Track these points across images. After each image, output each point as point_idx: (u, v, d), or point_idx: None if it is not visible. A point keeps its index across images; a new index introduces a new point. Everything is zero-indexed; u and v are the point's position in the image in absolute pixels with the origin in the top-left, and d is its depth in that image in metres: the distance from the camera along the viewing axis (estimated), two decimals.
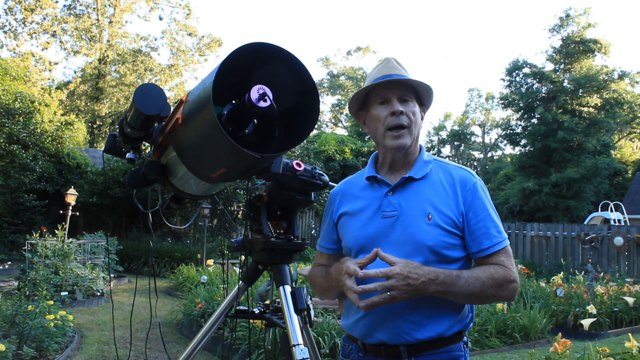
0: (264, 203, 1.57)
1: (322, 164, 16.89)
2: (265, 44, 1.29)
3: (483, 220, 1.41)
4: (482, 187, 1.46)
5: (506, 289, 1.36)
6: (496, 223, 1.42)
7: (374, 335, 1.42)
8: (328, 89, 38.47)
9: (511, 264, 1.39)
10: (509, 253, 1.41)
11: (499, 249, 1.40)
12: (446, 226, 1.39)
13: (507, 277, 1.36)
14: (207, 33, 27.69)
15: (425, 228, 1.39)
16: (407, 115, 1.43)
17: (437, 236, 1.38)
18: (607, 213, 15.55)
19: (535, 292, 7.12)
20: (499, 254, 1.39)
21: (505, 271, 1.37)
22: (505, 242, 1.41)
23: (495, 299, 1.41)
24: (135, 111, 1.44)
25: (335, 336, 4.32)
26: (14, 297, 5.40)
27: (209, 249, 11.17)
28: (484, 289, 1.34)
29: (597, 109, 24.97)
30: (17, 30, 23.55)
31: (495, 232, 1.41)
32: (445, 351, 1.40)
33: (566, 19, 25.30)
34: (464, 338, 1.45)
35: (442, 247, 1.38)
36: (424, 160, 1.48)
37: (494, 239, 1.40)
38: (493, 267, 1.38)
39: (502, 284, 1.36)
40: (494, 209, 1.45)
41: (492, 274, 1.36)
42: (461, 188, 1.43)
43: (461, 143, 43.29)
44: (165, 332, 5.82)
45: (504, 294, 1.37)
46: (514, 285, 1.38)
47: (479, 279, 1.34)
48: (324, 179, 1.58)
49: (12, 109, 12.24)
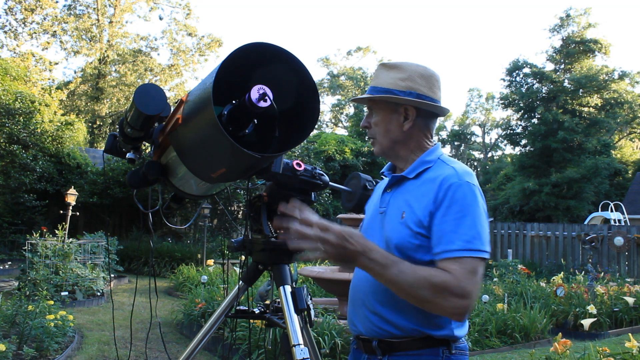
0: (264, 203, 1.56)
1: (322, 164, 16.89)
2: (265, 44, 1.29)
3: (446, 223, 1.29)
4: (462, 189, 1.31)
5: (445, 299, 1.21)
6: (464, 230, 1.27)
7: (355, 324, 1.47)
8: (328, 89, 38.48)
9: (466, 278, 1.22)
10: (469, 268, 1.24)
11: (453, 257, 1.25)
12: (413, 226, 1.34)
13: (448, 285, 1.21)
14: (207, 33, 27.71)
15: (396, 227, 1.38)
16: (373, 128, 1.51)
17: (404, 236, 1.35)
18: (608, 213, 15.56)
19: (535, 292, 7.13)
20: (452, 262, 1.25)
21: (451, 279, 1.22)
22: (465, 253, 1.25)
23: (432, 306, 1.25)
24: (136, 111, 1.44)
25: (335, 336, 4.33)
26: (14, 297, 5.40)
27: (209, 249, 11.17)
28: (416, 288, 1.23)
29: (597, 109, 24.97)
30: (17, 30, 23.56)
31: (456, 239, 1.26)
32: (416, 354, 1.35)
33: (566, 19, 25.30)
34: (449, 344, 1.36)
35: (407, 247, 1.34)
36: (425, 161, 1.46)
37: (448, 244, 1.26)
38: (436, 270, 1.26)
39: (440, 291, 1.21)
40: (475, 217, 1.29)
41: (431, 275, 1.23)
42: (438, 186, 1.33)
43: (461, 143, 43.31)
44: (165, 332, 5.82)
45: (443, 304, 1.22)
46: (457, 301, 1.21)
47: (415, 275, 1.23)
48: (324, 179, 1.58)
49: (13, 109, 12.24)
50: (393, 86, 1.45)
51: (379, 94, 1.46)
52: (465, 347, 1.43)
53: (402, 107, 1.46)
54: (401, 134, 1.47)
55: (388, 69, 1.49)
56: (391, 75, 1.47)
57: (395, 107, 1.46)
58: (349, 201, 1.73)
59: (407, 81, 1.45)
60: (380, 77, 1.49)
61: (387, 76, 1.48)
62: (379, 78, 1.49)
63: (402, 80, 1.45)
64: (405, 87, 1.44)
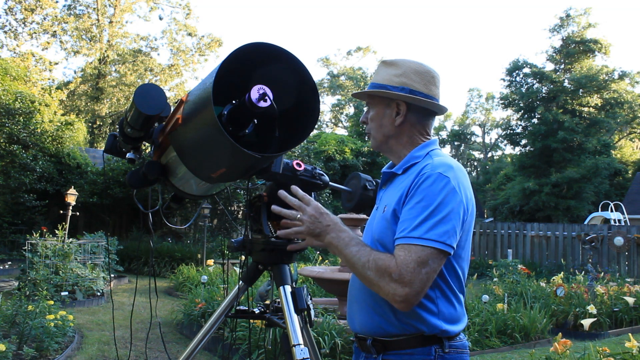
0: (264, 203, 1.57)
1: (322, 164, 16.88)
2: (265, 44, 1.29)
3: (407, 212, 1.30)
4: (432, 179, 1.30)
5: (387, 283, 1.24)
6: (416, 217, 1.27)
7: (352, 321, 1.48)
8: (328, 89, 38.47)
9: (407, 265, 1.22)
10: (413, 255, 1.23)
11: (402, 244, 1.27)
12: (390, 219, 1.37)
13: (389, 269, 1.23)
14: (207, 33, 27.71)
15: (378, 221, 1.43)
16: (369, 122, 1.53)
17: (382, 229, 1.39)
18: (608, 213, 15.55)
19: (535, 292, 7.13)
20: (400, 248, 1.26)
21: (392, 264, 1.24)
22: (412, 240, 1.25)
23: (377, 289, 1.28)
24: (136, 111, 1.44)
25: (335, 336, 4.32)
26: (14, 297, 5.40)
27: (209, 249, 11.17)
28: (365, 268, 1.28)
29: (597, 109, 24.97)
30: (17, 30, 23.54)
31: (406, 226, 1.27)
32: (408, 353, 1.35)
33: (566, 19, 25.30)
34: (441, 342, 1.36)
35: (386, 239, 1.37)
36: (414, 156, 1.46)
37: (401, 232, 1.28)
38: (385, 254, 1.29)
39: (382, 275, 1.24)
40: (433, 205, 1.27)
41: (379, 258, 1.27)
42: (413, 178, 1.35)
43: (461, 143, 43.31)
44: (165, 332, 5.82)
45: (385, 287, 1.24)
46: (396, 287, 1.22)
47: (368, 256, 1.29)
48: (324, 179, 1.58)
49: (12, 109, 12.24)
50: (387, 82, 1.48)
51: (374, 89, 1.50)
52: (463, 345, 1.40)
53: (394, 102, 1.48)
54: (393, 128, 1.49)
55: (387, 66, 1.52)
56: (387, 72, 1.50)
57: (389, 102, 1.49)
58: (349, 201, 1.73)
59: (401, 77, 1.47)
60: (378, 74, 1.52)
61: (385, 72, 1.51)
62: (378, 74, 1.53)
63: (397, 76, 1.48)
64: (398, 83, 1.46)
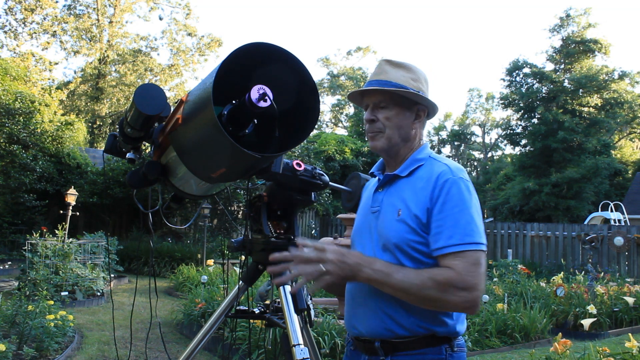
0: (264, 203, 1.57)
1: (322, 164, 16.88)
2: (265, 44, 1.29)
3: (444, 219, 1.32)
4: (457, 185, 1.35)
5: (454, 294, 1.25)
6: (462, 225, 1.31)
7: (355, 326, 1.47)
8: (328, 89, 38.46)
9: (469, 271, 1.26)
10: (471, 260, 1.28)
11: (454, 252, 1.29)
12: (411, 223, 1.36)
13: (453, 281, 1.25)
14: (207, 33, 27.72)
15: (393, 224, 1.39)
16: (381, 122, 1.46)
17: (402, 233, 1.37)
18: (607, 213, 15.55)
19: (535, 292, 7.13)
20: (454, 257, 1.28)
21: (454, 275, 1.26)
22: (466, 247, 1.29)
23: (441, 304, 1.28)
24: (136, 111, 1.44)
25: (335, 336, 4.32)
26: (14, 297, 5.40)
27: (209, 249, 11.17)
28: (423, 289, 1.26)
29: (597, 109, 24.95)
30: (17, 30, 23.55)
31: (455, 234, 1.30)
32: (420, 353, 1.37)
33: (566, 19, 25.29)
34: (450, 342, 1.39)
35: (406, 244, 1.36)
36: (416, 159, 1.47)
37: (448, 240, 1.30)
38: (439, 269, 1.30)
39: (447, 288, 1.25)
40: (469, 211, 1.33)
41: (435, 275, 1.27)
42: (434, 183, 1.36)
43: (461, 143, 43.29)
44: (165, 332, 5.82)
45: (452, 300, 1.26)
46: (465, 294, 1.25)
47: (420, 277, 1.27)
48: (324, 179, 1.58)
49: (12, 109, 12.23)
50: (407, 84, 1.45)
51: (399, 89, 1.43)
52: (463, 344, 1.44)
53: (416, 106, 1.48)
54: (409, 132, 1.48)
55: (394, 67, 1.47)
56: (402, 73, 1.46)
57: (409, 105, 1.47)
58: (349, 201, 1.73)
59: (417, 82, 1.47)
60: (389, 73, 1.46)
61: (398, 73, 1.46)
62: (388, 73, 1.46)
63: (414, 80, 1.46)
64: (416, 88, 1.46)
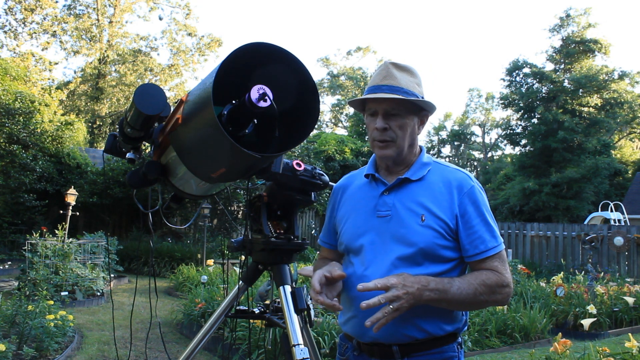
0: (264, 203, 1.57)
1: (322, 164, 16.88)
2: (265, 44, 1.29)
3: (478, 225, 1.41)
4: (479, 191, 1.45)
5: (499, 293, 1.37)
6: (492, 227, 1.42)
7: (368, 334, 1.42)
8: (328, 89, 38.46)
9: (505, 269, 1.40)
10: (503, 258, 1.42)
11: (493, 254, 1.40)
12: (439, 228, 1.39)
13: (499, 282, 1.37)
14: (207, 33, 27.73)
15: (418, 229, 1.39)
16: (393, 130, 1.43)
17: (429, 237, 1.39)
18: (607, 213, 15.54)
19: (535, 292, 7.12)
20: (493, 259, 1.40)
21: (498, 277, 1.37)
22: (499, 247, 1.41)
23: (488, 304, 1.41)
24: (136, 111, 1.44)
25: (335, 336, 4.33)
26: (14, 297, 5.40)
27: (209, 249, 11.16)
28: (476, 295, 1.34)
29: (597, 109, 24.95)
30: (17, 30, 23.56)
31: (490, 237, 1.41)
32: (438, 352, 1.41)
33: (566, 19, 25.29)
34: (458, 339, 1.47)
35: (433, 248, 1.39)
36: (423, 162, 1.48)
37: (488, 243, 1.40)
38: (485, 273, 1.38)
39: (495, 290, 1.37)
40: (490, 213, 1.45)
41: (484, 280, 1.36)
42: (457, 191, 1.42)
43: (461, 143, 43.28)
44: (165, 332, 5.82)
45: (497, 298, 1.38)
46: (507, 290, 1.39)
47: (472, 285, 1.35)
48: (324, 179, 1.58)
49: (12, 109, 12.23)
50: (414, 90, 1.43)
51: (407, 96, 1.41)
52: (461, 341, 1.51)
53: (422, 112, 1.48)
54: (415, 137, 1.49)
55: (401, 71, 1.45)
56: (408, 78, 1.44)
57: (417, 111, 1.46)
58: None
59: (420, 87, 1.47)
60: (398, 78, 1.42)
61: (406, 78, 1.43)
62: (397, 79, 1.42)
63: (418, 85, 1.46)
64: (421, 93, 1.46)
